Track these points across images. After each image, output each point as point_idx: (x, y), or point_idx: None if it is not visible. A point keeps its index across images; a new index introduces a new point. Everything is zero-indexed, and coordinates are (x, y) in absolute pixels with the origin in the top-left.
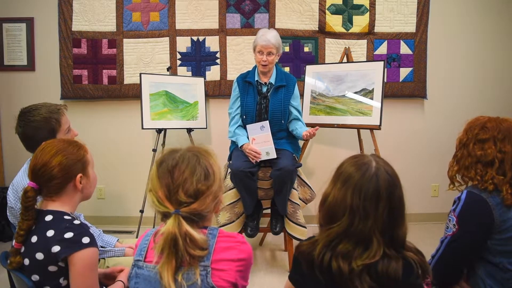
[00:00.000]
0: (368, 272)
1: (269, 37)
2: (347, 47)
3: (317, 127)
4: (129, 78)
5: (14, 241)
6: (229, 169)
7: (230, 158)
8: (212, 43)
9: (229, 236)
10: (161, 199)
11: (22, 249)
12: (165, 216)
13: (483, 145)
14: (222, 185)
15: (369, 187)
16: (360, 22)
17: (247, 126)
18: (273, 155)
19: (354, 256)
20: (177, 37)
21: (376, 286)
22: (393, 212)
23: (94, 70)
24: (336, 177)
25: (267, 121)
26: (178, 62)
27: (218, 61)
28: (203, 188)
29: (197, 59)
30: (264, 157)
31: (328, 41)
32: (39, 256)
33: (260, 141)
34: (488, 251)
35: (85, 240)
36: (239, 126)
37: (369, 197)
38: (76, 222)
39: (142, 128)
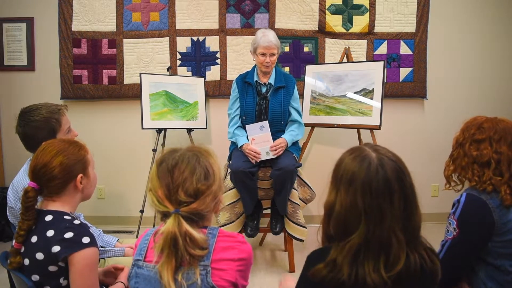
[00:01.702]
0: (399, 284)
1: (271, 37)
2: (347, 47)
3: (279, 151)
4: (129, 78)
5: (14, 241)
6: (229, 169)
7: (230, 158)
8: (212, 43)
9: (229, 235)
10: (161, 198)
11: (22, 249)
12: (165, 216)
13: (479, 145)
14: (222, 185)
15: (378, 181)
16: (360, 22)
17: (247, 126)
18: (272, 154)
19: (381, 266)
20: (177, 37)
21: None
22: (408, 201)
23: (94, 70)
24: (337, 180)
25: (267, 121)
26: (178, 62)
27: (218, 61)
28: (203, 187)
29: (197, 59)
30: (264, 157)
31: (328, 41)
32: (39, 256)
33: (260, 141)
34: (489, 253)
35: (85, 240)
36: (238, 127)
37: (380, 192)
38: (76, 222)
39: (142, 128)
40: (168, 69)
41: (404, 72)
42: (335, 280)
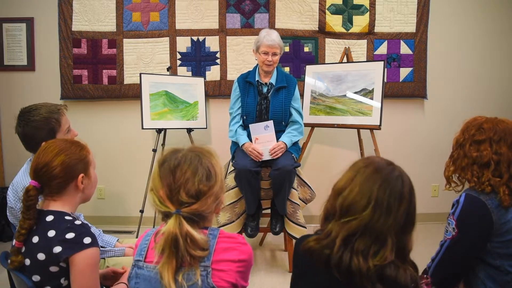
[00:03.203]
0: (379, 279)
1: (274, 37)
2: (347, 47)
3: (278, 154)
4: (129, 78)
5: (14, 240)
6: (229, 169)
7: (233, 158)
8: (212, 43)
9: (230, 237)
10: (163, 199)
11: (23, 249)
12: (166, 216)
13: (479, 146)
14: (223, 186)
15: (395, 185)
16: (360, 22)
17: (250, 125)
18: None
19: (370, 253)
20: (177, 37)
21: None
22: (409, 218)
23: (94, 70)
24: (359, 167)
25: (271, 121)
26: (178, 62)
27: (218, 61)
28: (205, 188)
29: (197, 59)
30: (266, 157)
31: (328, 41)
32: (41, 256)
33: (263, 140)
34: (488, 254)
35: (87, 240)
36: (240, 126)
37: (394, 194)
38: (77, 222)
39: (142, 128)
40: (168, 69)
41: (404, 72)
42: (322, 253)
